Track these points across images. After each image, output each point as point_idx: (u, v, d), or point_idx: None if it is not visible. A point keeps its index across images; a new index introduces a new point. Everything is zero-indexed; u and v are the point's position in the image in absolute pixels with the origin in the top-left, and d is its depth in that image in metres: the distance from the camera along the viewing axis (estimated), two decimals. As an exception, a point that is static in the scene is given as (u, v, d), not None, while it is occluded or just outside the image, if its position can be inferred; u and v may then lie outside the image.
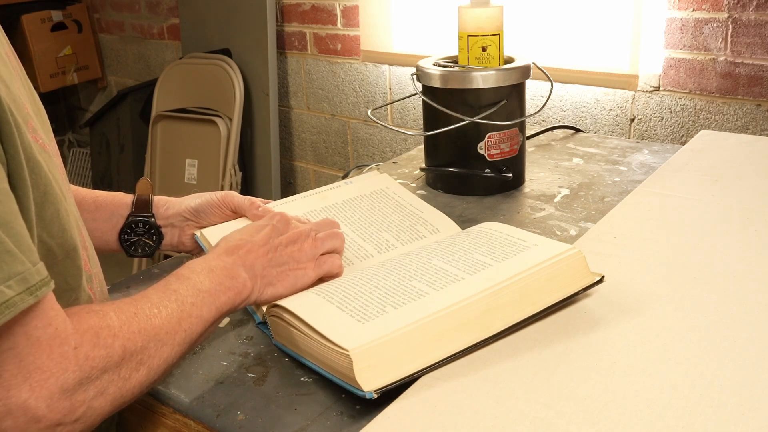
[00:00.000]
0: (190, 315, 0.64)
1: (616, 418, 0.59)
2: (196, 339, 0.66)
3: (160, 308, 0.63)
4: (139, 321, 0.60)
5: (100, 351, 0.56)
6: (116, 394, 0.58)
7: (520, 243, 0.79)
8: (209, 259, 0.72)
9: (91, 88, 3.25)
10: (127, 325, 0.59)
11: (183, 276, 0.68)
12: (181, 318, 0.64)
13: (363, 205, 0.97)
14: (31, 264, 0.52)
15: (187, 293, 0.66)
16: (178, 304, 0.64)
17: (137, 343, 0.59)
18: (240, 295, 0.70)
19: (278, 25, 2.28)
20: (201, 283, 0.67)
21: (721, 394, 0.61)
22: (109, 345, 0.57)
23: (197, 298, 0.66)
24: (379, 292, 0.71)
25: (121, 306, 0.61)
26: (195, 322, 0.65)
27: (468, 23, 1.10)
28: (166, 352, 0.62)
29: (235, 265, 0.71)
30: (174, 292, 0.65)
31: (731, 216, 0.95)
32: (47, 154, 0.62)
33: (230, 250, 0.73)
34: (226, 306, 0.69)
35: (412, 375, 0.64)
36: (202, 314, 0.66)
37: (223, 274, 0.70)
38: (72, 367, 0.54)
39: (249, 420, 0.64)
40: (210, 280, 0.68)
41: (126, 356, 0.58)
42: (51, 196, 0.60)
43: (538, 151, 1.33)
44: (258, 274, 0.73)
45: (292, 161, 2.44)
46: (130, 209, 0.90)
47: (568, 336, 0.70)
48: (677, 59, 1.50)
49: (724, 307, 0.74)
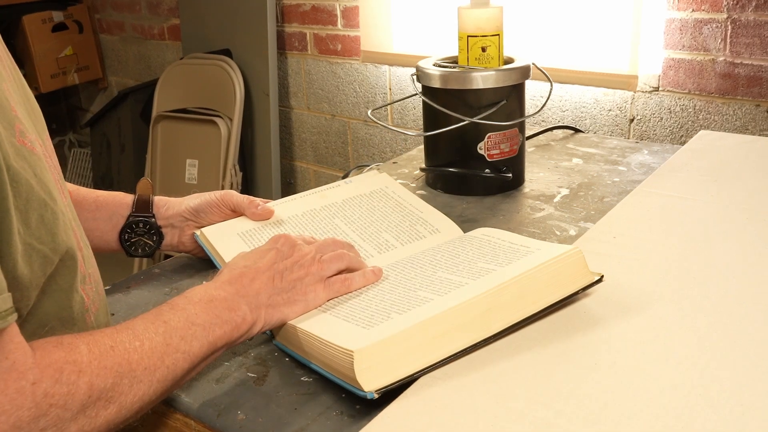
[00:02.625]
0: (176, 350, 0.61)
1: (616, 418, 0.59)
2: (182, 375, 0.62)
3: (143, 341, 0.59)
4: (114, 356, 0.56)
5: (62, 388, 0.52)
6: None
7: (524, 249, 0.79)
8: (210, 287, 0.68)
9: (91, 88, 3.25)
10: (98, 360, 0.55)
11: (178, 306, 0.64)
12: (165, 353, 0.60)
13: (362, 204, 0.97)
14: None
15: (178, 325, 0.62)
16: (164, 338, 0.60)
17: (107, 380, 0.55)
18: (238, 330, 0.67)
19: (278, 25, 2.28)
20: (196, 316, 0.64)
21: (721, 394, 0.61)
22: (72, 382, 0.53)
23: (188, 331, 0.62)
24: (385, 303, 0.72)
25: (97, 338, 0.57)
26: (181, 358, 0.61)
27: (468, 23, 1.11)
28: (142, 389, 0.58)
29: (237, 296, 0.68)
30: (164, 324, 0.62)
31: (731, 216, 0.95)
32: (36, 156, 0.61)
33: (233, 280, 0.70)
34: (222, 341, 0.65)
35: (412, 375, 0.65)
36: (191, 349, 0.62)
37: (222, 306, 0.66)
38: (27, 404, 0.50)
39: (249, 420, 0.64)
40: (206, 312, 0.65)
41: (93, 394, 0.54)
42: (34, 202, 0.58)
43: (537, 151, 1.33)
44: (263, 303, 0.70)
45: (293, 161, 2.44)
46: (130, 209, 0.90)
47: (568, 336, 0.70)
48: (677, 59, 1.51)
49: (724, 307, 0.74)
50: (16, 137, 0.58)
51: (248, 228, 0.91)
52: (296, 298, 0.72)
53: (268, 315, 0.70)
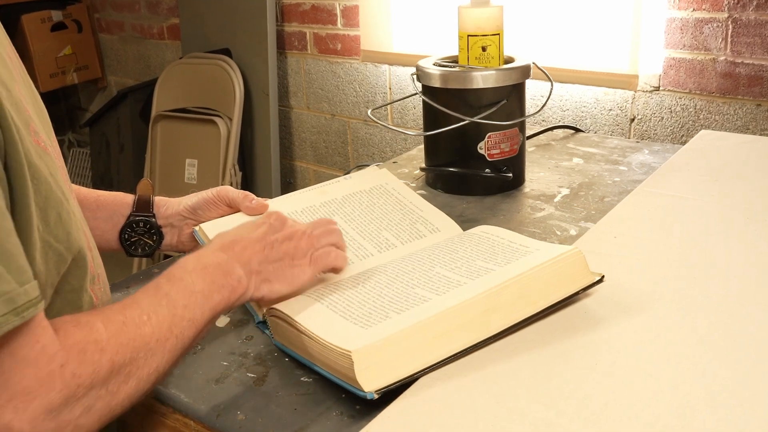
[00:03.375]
0: (182, 319, 0.62)
1: (617, 417, 0.59)
2: (188, 344, 0.64)
3: (150, 315, 0.60)
4: (128, 331, 0.58)
5: (87, 368, 0.54)
6: (104, 410, 0.56)
7: (523, 249, 0.79)
8: (203, 255, 0.69)
9: (91, 88, 3.24)
10: (115, 337, 0.57)
11: (175, 277, 0.65)
12: (172, 324, 0.62)
13: (362, 201, 0.97)
14: (18, 284, 0.51)
15: (179, 296, 0.63)
16: (169, 309, 0.62)
17: (126, 355, 0.57)
18: (235, 293, 0.68)
19: (278, 25, 2.28)
20: (193, 284, 0.65)
21: (721, 394, 0.61)
22: (96, 361, 0.55)
23: (189, 299, 0.64)
24: (383, 300, 0.71)
25: (109, 315, 0.59)
26: (187, 326, 0.63)
27: (468, 23, 1.10)
28: (156, 361, 0.60)
29: (230, 261, 0.69)
30: (165, 296, 0.63)
31: (731, 216, 0.95)
32: (49, 156, 0.62)
33: (225, 246, 0.71)
34: (221, 305, 0.67)
35: (412, 375, 0.64)
36: (194, 317, 0.64)
37: (217, 271, 0.68)
38: (58, 386, 0.52)
39: (249, 420, 0.64)
40: (203, 279, 0.66)
41: (114, 370, 0.56)
42: (52, 200, 0.60)
43: (538, 151, 1.33)
44: (254, 270, 0.71)
45: (292, 161, 2.44)
46: (131, 209, 0.90)
47: (568, 336, 0.70)
48: (677, 59, 1.50)
49: (724, 306, 0.74)
50: (32, 137, 0.59)
51: None
52: (284, 272, 0.74)
53: (258, 282, 0.71)
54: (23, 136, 0.57)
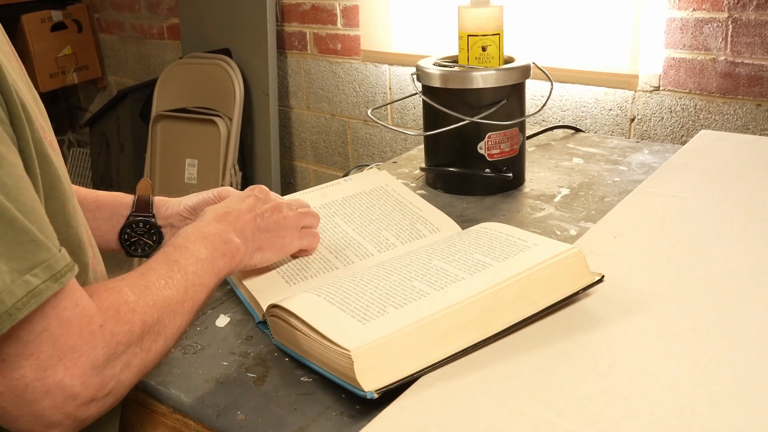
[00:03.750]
0: (194, 283, 0.67)
1: (616, 418, 0.59)
2: (200, 305, 0.69)
3: (167, 279, 0.65)
4: (152, 294, 0.62)
5: (123, 326, 0.58)
6: (140, 366, 0.60)
7: (521, 243, 0.79)
8: (201, 226, 0.74)
9: (91, 87, 3.24)
10: (143, 299, 0.61)
11: (180, 246, 0.70)
12: (187, 287, 0.66)
13: (363, 202, 0.97)
14: (56, 250, 0.54)
15: (188, 262, 0.68)
16: (182, 274, 0.66)
17: (154, 315, 0.61)
18: (234, 259, 0.73)
19: (278, 24, 2.28)
20: (198, 251, 0.70)
21: (721, 394, 0.61)
22: (129, 320, 0.59)
23: (198, 266, 0.68)
24: (380, 292, 0.71)
25: (132, 281, 0.62)
26: (199, 290, 0.67)
27: (468, 23, 1.10)
28: (179, 320, 0.64)
29: (226, 230, 0.74)
30: (175, 263, 0.67)
31: (731, 216, 0.95)
32: (54, 151, 0.63)
33: (219, 217, 0.76)
34: (224, 271, 0.72)
35: (412, 375, 0.64)
36: (204, 281, 0.68)
37: (217, 239, 0.72)
38: (100, 344, 0.56)
39: (249, 420, 0.64)
40: (206, 247, 0.70)
41: (146, 329, 0.60)
42: (58, 192, 0.61)
43: (538, 151, 1.33)
44: (249, 238, 0.76)
45: (292, 161, 2.44)
46: (130, 209, 0.90)
47: (568, 336, 0.70)
48: (677, 59, 1.50)
49: (724, 307, 0.74)
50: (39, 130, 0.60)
51: None
52: (274, 241, 0.80)
53: (252, 250, 0.77)
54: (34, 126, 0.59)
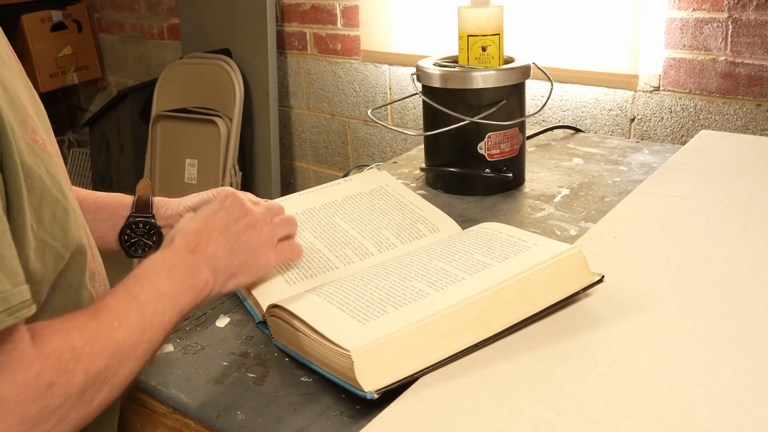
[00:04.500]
0: (152, 323, 0.62)
1: (617, 418, 0.59)
2: (157, 347, 0.64)
3: (121, 320, 0.60)
4: (102, 338, 0.57)
5: (63, 377, 0.53)
6: (78, 419, 0.55)
7: (521, 243, 0.79)
8: (168, 255, 0.68)
9: (91, 88, 3.24)
10: (90, 344, 0.56)
11: (142, 278, 0.64)
12: (143, 328, 0.61)
13: (363, 202, 0.97)
14: (11, 285, 0.50)
15: (149, 299, 0.63)
16: (139, 313, 0.61)
17: (100, 363, 0.56)
18: (202, 293, 0.68)
19: (278, 25, 2.28)
20: (161, 286, 0.64)
21: (721, 394, 0.61)
22: (71, 369, 0.54)
23: (158, 303, 0.63)
24: (380, 292, 0.71)
25: (83, 321, 0.58)
26: (157, 331, 0.62)
27: (468, 23, 1.10)
28: (129, 366, 0.59)
29: (195, 261, 0.69)
30: (134, 299, 0.62)
31: (731, 216, 0.95)
32: (47, 153, 0.62)
33: (189, 245, 0.70)
34: (188, 307, 0.67)
35: (412, 375, 0.64)
36: (164, 320, 0.63)
37: (184, 273, 0.67)
38: (33, 396, 0.51)
39: (249, 420, 0.64)
40: (171, 281, 0.65)
41: (89, 380, 0.55)
42: (47, 198, 0.59)
43: (538, 151, 1.33)
44: (220, 267, 0.70)
45: (292, 161, 2.44)
46: (130, 210, 0.90)
47: (568, 336, 0.70)
48: (677, 59, 1.50)
49: (724, 307, 0.74)
50: (28, 134, 0.59)
51: None
52: (250, 263, 0.74)
53: (224, 278, 0.71)
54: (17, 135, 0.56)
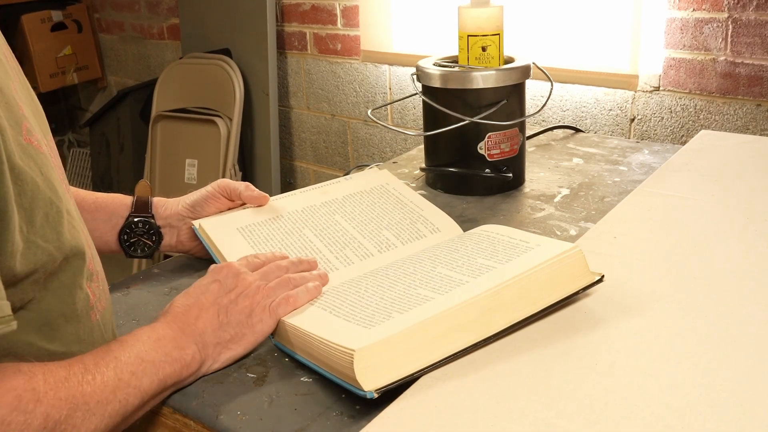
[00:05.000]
0: (128, 385, 0.61)
1: (617, 418, 0.59)
2: (132, 411, 0.62)
3: (95, 374, 0.58)
4: (68, 387, 0.56)
5: (19, 416, 0.52)
6: None
7: (523, 244, 0.79)
8: (157, 327, 0.68)
9: (91, 88, 3.24)
10: (54, 390, 0.55)
11: (127, 343, 0.64)
12: (116, 387, 0.59)
13: (363, 201, 0.97)
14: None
15: (129, 361, 0.62)
16: (115, 372, 0.60)
17: (62, 411, 0.55)
18: (188, 369, 0.67)
19: (278, 25, 2.28)
20: (145, 353, 0.63)
21: (721, 394, 0.61)
22: (30, 410, 0.52)
23: (138, 367, 0.62)
24: (385, 301, 0.71)
25: (52, 368, 0.57)
26: (132, 393, 0.61)
27: (468, 23, 1.10)
28: (95, 423, 0.57)
29: (183, 334, 0.68)
30: (114, 359, 0.61)
31: (731, 216, 0.95)
32: (42, 154, 0.61)
33: (178, 318, 0.69)
34: (171, 379, 0.65)
35: (412, 374, 0.64)
36: (141, 385, 0.62)
37: (170, 344, 0.66)
38: None
39: (249, 420, 0.64)
40: (156, 350, 0.64)
41: (48, 425, 0.54)
42: (40, 201, 0.59)
43: (538, 151, 1.33)
44: (209, 342, 0.69)
45: (292, 161, 2.44)
46: (129, 210, 0.90)
47: (568, 336, 0.70)
48: (677, 59, 1.50)
49: (724, 307, 0.74)
50: (23, 135, 0.58)
51: (248, 223, 0.90)
52: (244, 332, 0.71)
53: (215, 353, 0.69)
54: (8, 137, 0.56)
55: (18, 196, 0.56)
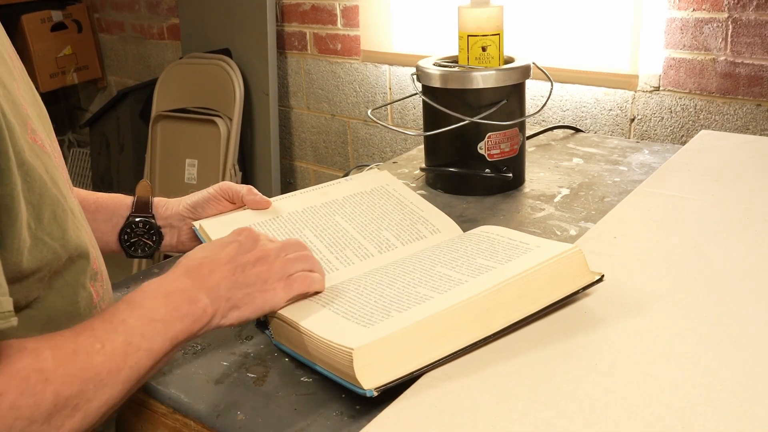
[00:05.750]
0: (138, 349, 0.58)
1: (616, 418, 0.59)
2: (144, 373, 0.60)
3: (104, 343, 0.57)
4: (78, 361, 0.54)
5: (28, 399, 0.51)
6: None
7: (523, 246, 0.79)
8: (167, 281, 0.65)
9: (91, 88, 3.24)
10: (63, 366, 0.53)
11: (135, 302, 0.62)
12: (126, 353, 0.58)
13: (363, 201, 0.97)
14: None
15: (137, 323, 0.59)
16: (125, 337, 0.58)
17: (73, 387, 0.53)
18: (198, 322, 0.64)
19: (278, 25, 2.28)
20: (154, 311, 0.61)
21: (721, 394, 0.61)
22: (38, 392, 0.51)
23: (148, 328, 0.60)
24: (384, 300, 0.71)
25: (60, 342, 0.55)
26: (143, 356, 0.59)
27: (468, 23, 1.10)
28: (107, 393, 0.56)
29: (195, 288, 0.65)
30: (122, 323, 0.59)
31: (731, 216, 0.95)
32: (47, 154, 0.62)
33: (191, 271, 0.67)
34: (182, 335, 0.63)
35: (412, 373, 0.64)
36: (152, 346, 0.60)
37: (180, 298, 0.63)
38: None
39: (249, 420, 0.64)
40: (165, 306, 0.62)
41: (59, 404, 0.52)
42: (47, 198, 0.59)
43: (538, 151, 1.33)
44: (222, 296, 0.66)
45: (292, 161, 2.44)
46: (130, 210, 0.90)
47: (568, 336, 0.70)
48: (677, 59, 1.50)
49: (724, 307, 0.74)
50: (28, 134, 0.59)
51: (248, 224, 0.90)
52: (255, 296, 0.69)
53: (226, 309, 0.67)
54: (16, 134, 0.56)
55: (27, 192, 0.56)
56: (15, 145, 0.55)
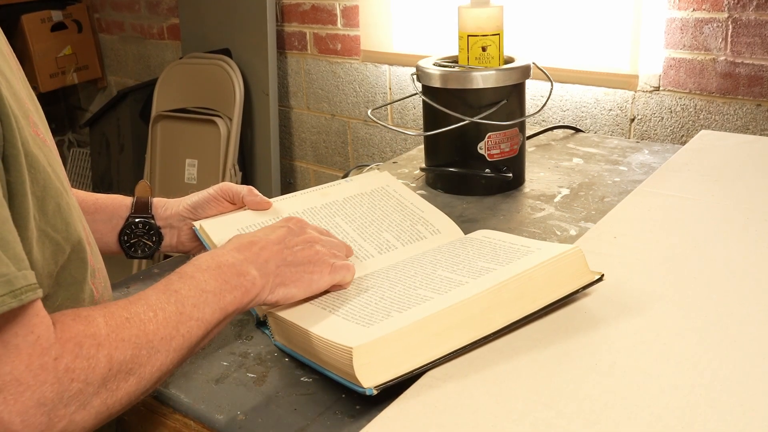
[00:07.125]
0: (190, 318, 0.61)
1: (616, 418, 0.59)
2: (196, 342, 0.63)
3: (156, 311, 0.59)
4: (131, 327, 0.57)
5: (82, 362, 0.53)
6: (101, 407, 0.55)
7: (524, 249, 0.79)
8: (218, 254, 0.68)
9: (91, 88, 3.24)
10: (116, 332, 0.56)
11: (187, 274, 0.64)
12: (179, 322, 0.60)
13: (363, 203, 0.97)
14: (16, 269, 0.50)
15: (189, 293, 0.62)
16: (177, 306, 0.61)
17: (126, 352, 0.56)
18: (248, 294, 0.67)
19: (278, 25, 2.28)
20: (205, 282, 0.64)
21: (721, 394, 0.61)
22: (92, 356, 0.54)
23: (199, 298, 0.62)
24: (385, 302, 0.71)
25: (113, 310, 0.58)
26: (195, 326, 0.62)
27: (468, 23, 1.10)
28: (160, 359, 0.59)
29: (245, 262, 0.68)
30: (175, 293, 0.62)
31: (731, 216, 0.95)
32: (47, 147, 0.62)
33: (242, 247, 0.70)
34: (232, 306, 0.66)
35: (412, 372, 0.64)
36: (204, 316, 0.62)
37: (230, 271, 0.66)
38: (50, 380, 0.51)
39: (249, 420, 0.64)
40: (215, 278, 0.65)
41: (113, 367, 0.55)
42: (51, 190, 0.60)
43: (538, 151, 1.33)
44: (271, 272, 0.69)
45: (292, 161, 2.44)
46: (129, 211, 0.90)
47: (568, 336, 0.70)
48: (677, 59, 1.50)
49: (724, 307, 0.74)
50: (31, 127, 0.59)
51: (249, 224, 0.90)
52: (302, 276, 0.72)
53: (274, 284, 0.70)
54: (22, 125, 0.56)
55: (31, 184, 0.57)
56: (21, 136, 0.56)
